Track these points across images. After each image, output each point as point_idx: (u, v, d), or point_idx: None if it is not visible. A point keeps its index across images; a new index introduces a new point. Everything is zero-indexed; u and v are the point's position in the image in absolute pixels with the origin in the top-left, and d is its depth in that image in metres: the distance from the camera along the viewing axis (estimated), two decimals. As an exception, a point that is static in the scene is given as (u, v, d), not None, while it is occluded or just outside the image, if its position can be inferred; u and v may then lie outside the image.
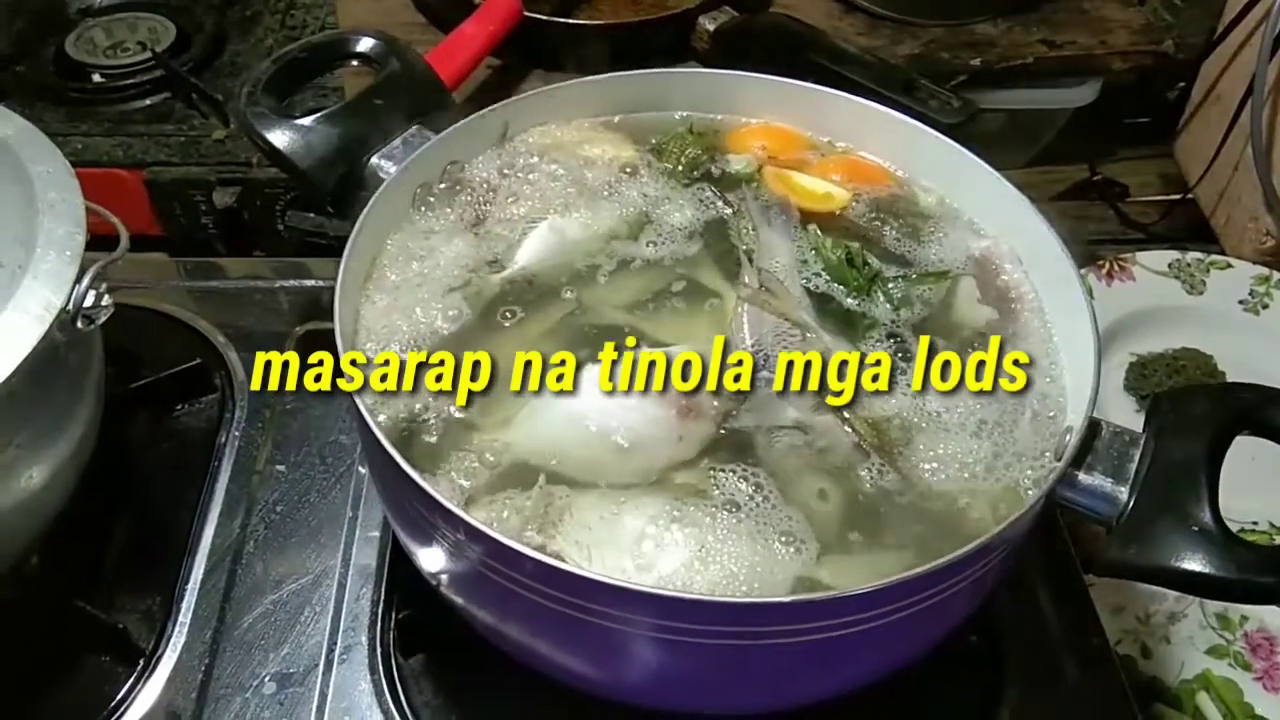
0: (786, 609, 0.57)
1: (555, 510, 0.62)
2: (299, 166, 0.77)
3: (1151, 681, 0.92)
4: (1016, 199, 0.76)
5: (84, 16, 1.38)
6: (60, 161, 0.75)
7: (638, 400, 0.67)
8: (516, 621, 0.65)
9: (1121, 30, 1.29)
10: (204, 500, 0.86)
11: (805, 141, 0.86)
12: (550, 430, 0.67)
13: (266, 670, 0.77)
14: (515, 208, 0.79)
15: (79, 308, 0.69)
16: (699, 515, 0.62)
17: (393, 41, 0.84)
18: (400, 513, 0.67)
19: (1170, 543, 0.57)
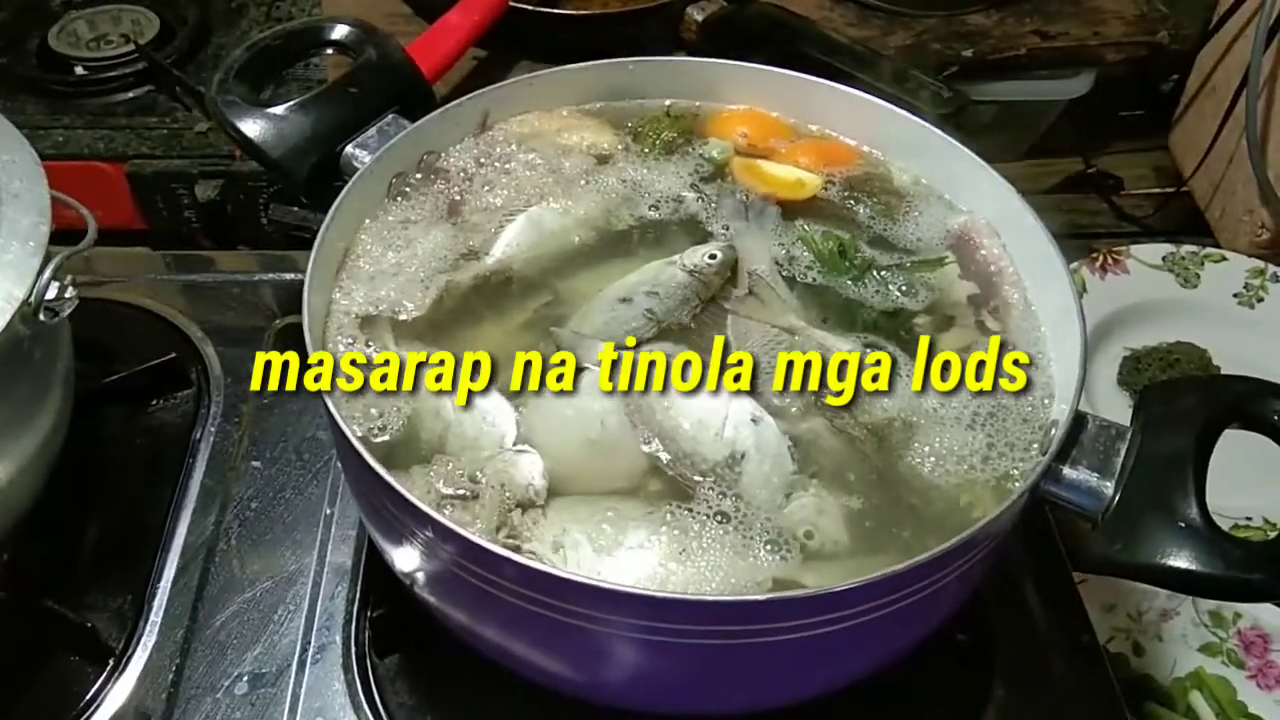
0: (766, 607, 0.56)
1: (530, 514, 0.61)
2: (270, 156, 0.76)
3: (1144, 679, 0.91)
4: (992, 177, 0.75)
5: (67, 9, 1.36)
6: (27, 150, 0.73)
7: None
8: (493, 623, 0.64)
9: (1115, 21, 1.27)
10: (178, 497, 0.85)
11: (786, 127, 0.84)
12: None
13: (239, 670, 0.75)
14: (492, 197, 0.78)
15: (42, 300, 0.67)
16: (686, 520, 0.61)
17: (369, 29, 0.83)
18: (372, 512, 0.66)
19: (1156, 539, 0.56)
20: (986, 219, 0.77)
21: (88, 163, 1.19)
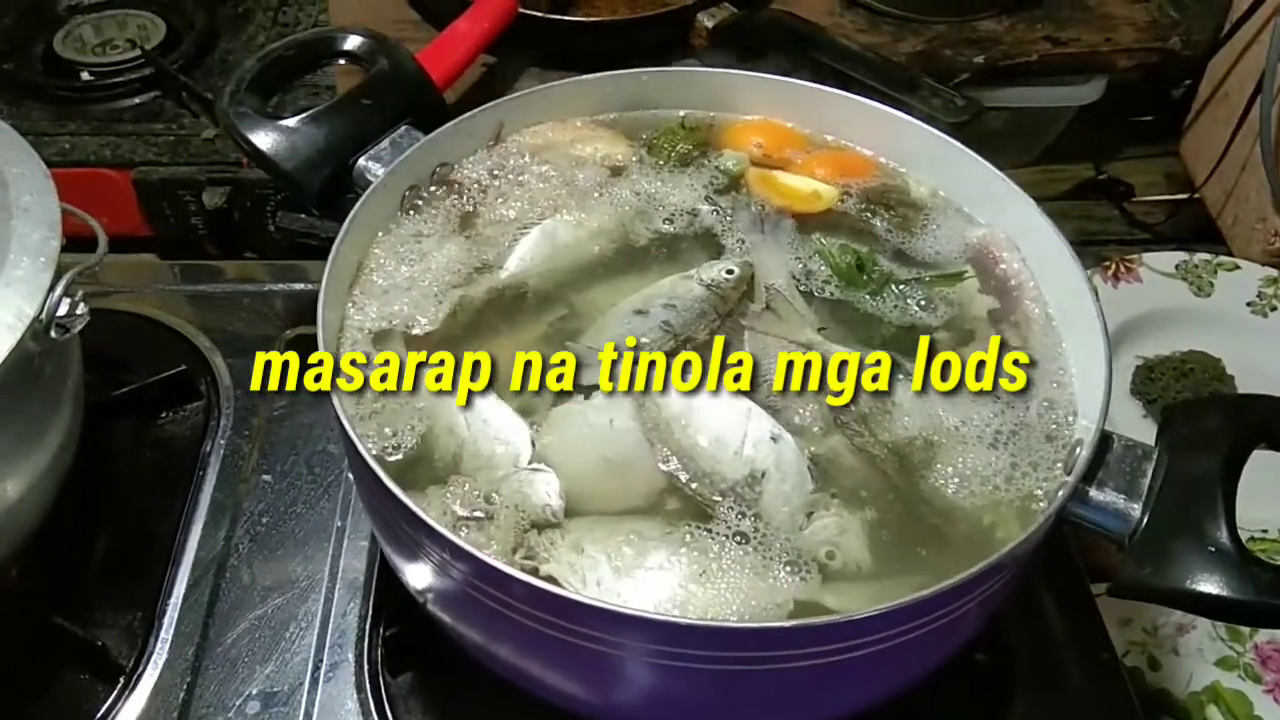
0: (789, 633, 0.55)
1: (547, 535, 0.60)
2: (282, 168, 0.75)
3: (1160, 694, 0.90)
4: (1011, 191, 0.74)
5: (73, 14, 1.36)
6: (36, 163, 0.73)
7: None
8: (508, 644, 0.63)
9: (1127, 27, 1.26)
10: (188, 511, 0.84)
11: (802, 138, 0.84)
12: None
13: (250, 688, 0.75)
14: (506, 209, 0.77)
15: (53, 316, 0.66)
16: (705, 541, 0.60)
17: (381, 39, 0.82)
18: (387, 531, 0.65)
19: (1186, 564, 0.55)
20: (1006, 232, 0.76)
21: (94, 169, 1.18)
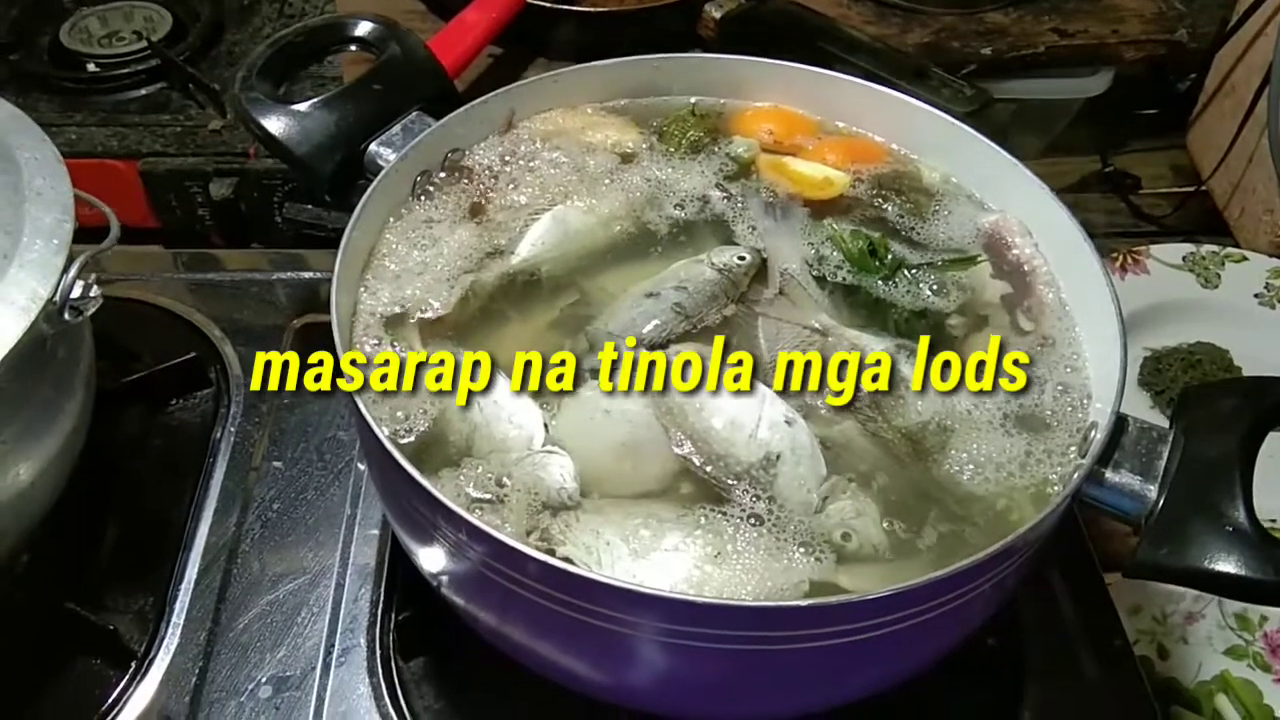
0: (805, 612, 0.55)
1: (563, 517, 0.60)
2: (295, 153, 0.75)
3: (1169, 683, 0.90)
4: (1024, 176, 0.74)
5: (79, 5, 1.35)
6: (49, 148, 0.73)
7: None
8: (523, 625, 0.63)
9: (1134, 19, 1.27)
10: (198, 498, 0.84)
11: (812, 124, 0.84)
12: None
13: (262, 673, 0.75)
14: (517, 195, 0.77)
15: (66, 299, 0.66)
16: (720, 523, 0.60)
17: (392, 25, 0.82)
18: (401, 513, 0.65)
19: (1203, 543, 0.55)
20: (1018, 218, 0.76)
21: (101, 160, 1.18)
